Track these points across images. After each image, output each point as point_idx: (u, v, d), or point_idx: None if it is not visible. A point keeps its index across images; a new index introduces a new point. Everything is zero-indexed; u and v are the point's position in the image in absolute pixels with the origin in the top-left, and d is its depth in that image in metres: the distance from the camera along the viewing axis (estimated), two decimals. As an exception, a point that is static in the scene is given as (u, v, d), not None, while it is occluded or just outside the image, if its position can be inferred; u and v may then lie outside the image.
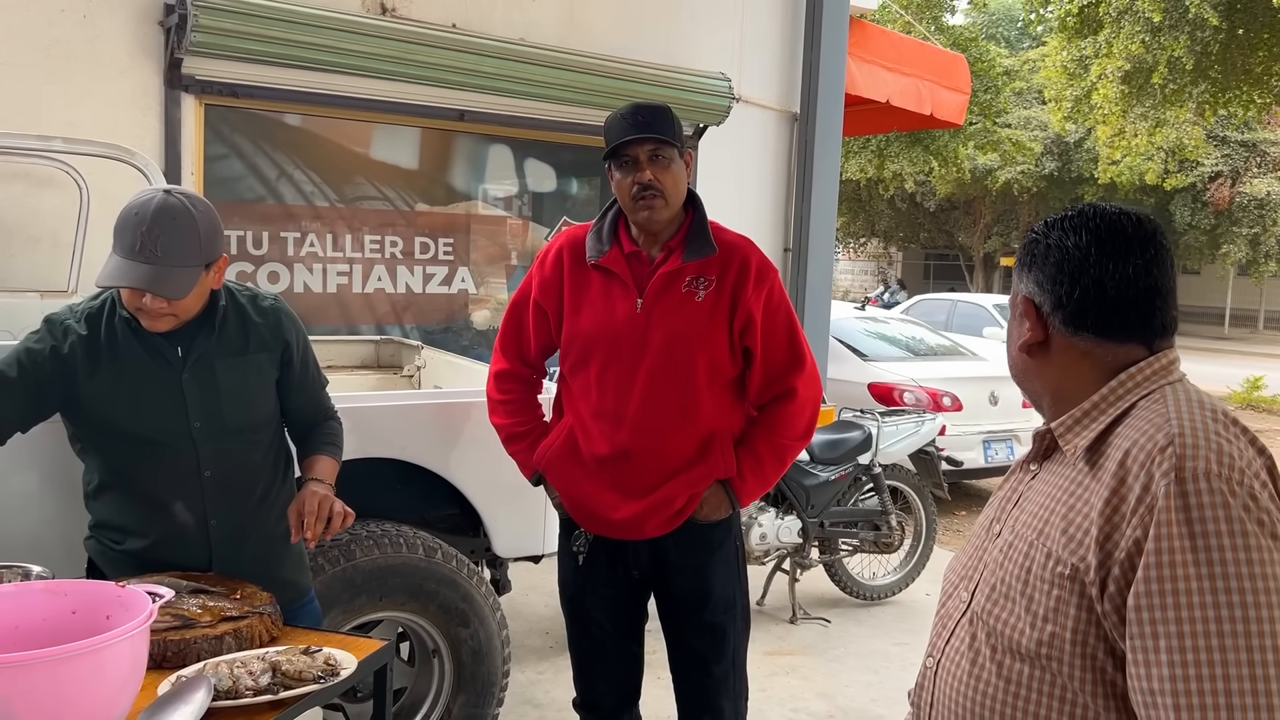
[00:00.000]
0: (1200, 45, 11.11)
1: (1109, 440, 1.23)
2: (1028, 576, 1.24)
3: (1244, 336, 27.10)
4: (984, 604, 1.30)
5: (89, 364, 2.07)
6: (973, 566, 1.37)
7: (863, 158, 17.43)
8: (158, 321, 2.05)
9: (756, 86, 6.36)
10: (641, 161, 2.32)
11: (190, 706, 1.52)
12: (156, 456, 2.12)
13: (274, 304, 2.29)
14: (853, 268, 36.78)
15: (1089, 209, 1.31)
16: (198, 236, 2.01)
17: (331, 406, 2.44)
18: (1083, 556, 1.17)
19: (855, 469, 4.98)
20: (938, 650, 1.37)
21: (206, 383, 2.13)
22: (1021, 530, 1.29)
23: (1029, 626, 1.22)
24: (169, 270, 1.97)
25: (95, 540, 2.21)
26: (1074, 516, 1.21)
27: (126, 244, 1.97)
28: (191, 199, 2.05)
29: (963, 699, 1.30)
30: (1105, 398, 1.26)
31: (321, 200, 5.12)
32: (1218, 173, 23.27)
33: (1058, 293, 1.29)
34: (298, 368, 2.30)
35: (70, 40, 4.25)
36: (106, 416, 2.10)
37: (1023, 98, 23.07)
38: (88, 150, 3.28)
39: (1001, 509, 1.38)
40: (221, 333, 2.16)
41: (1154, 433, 1.17)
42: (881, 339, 8.35)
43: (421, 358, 4.27)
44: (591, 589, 2.56)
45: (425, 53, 4.88)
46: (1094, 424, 1.26)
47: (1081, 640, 1.17)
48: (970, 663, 1.30)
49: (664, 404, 2.36)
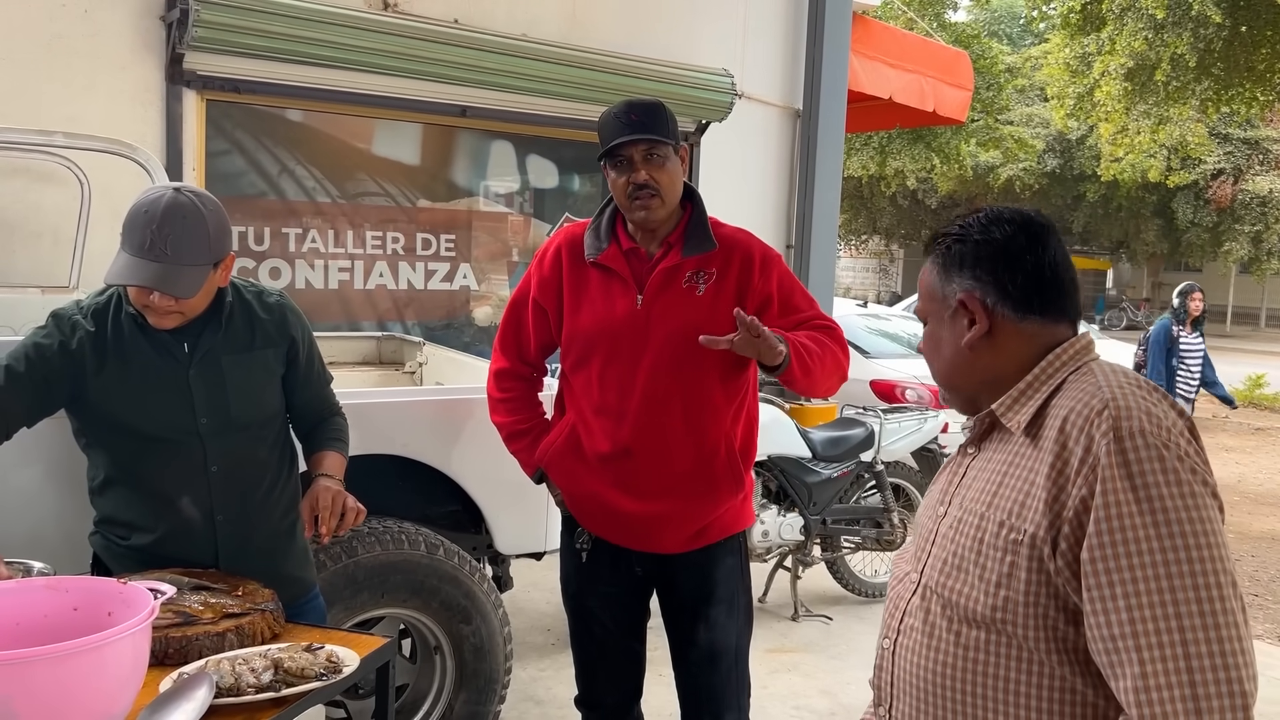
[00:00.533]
0: (1203, 42, 11.08)
1: (1046, 413, 1.32)
2: (980, 546, 1.31)
3: (1246, 334, 27.08)
4: (937, 577, 1.36)
5: (96, 360, 2.07)
6: (920, 548, 1.43)
7: (864, 155, 17.41)
8: (164, 319, 2.05)
9: (759, 83, 6.34)
10: (636, 161, 2.31)
11: (192, 704, 1.51)
12: (163, 452, 2.11)
13: (280, 300, 2.29)
14: (854, 265, 36.74)
15: (988, 210, 1.41)
16: (207, 235, 2.01)
17: (336, 403, 2.44)
18: (1033, 520, 1.25)
19: (857, 466, 4.98)
20: (893, 631, 1.42)
21: (213, 379, 2.13)
22: (970, 505, 1.36)
23: (983, 594, 1.29)
24: (178, 269, 1.97)
25: (100, 536, 2.21)
26: (1020, 485, 1.29)
27: (136, 242, 1.96)
28: (201, 197, 2.05)
29: (923, 673, 1.35)
30: (1039, 375, 1.35)
31: (323, 196, 5.11)
32: (1220, 170, 23.24)
33: (1001, 281, 1.36)
34: (303, 364, 2.29)
35: (71, 35, 4.24)
36: (113, 412, 2.09)
37: (1025, 95, 23.05)
38: (89, 145, 3.27)
39: (944, 493, 1.44)
40: (228, 329, 2.16)
41: (1089, 399, 1.26)
42: (884, 336, 8.34)
43: (423, 354, 4.26)
44: (593, 587, 2.55)
45: (427, 48, 4.87)
46: (1032, 400, 1.34)
47: (1034, 601, 1.25)
48: (927, 636, 1.35)
49: (666, 400, 2.35)
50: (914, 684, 1.37)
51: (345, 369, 4.24)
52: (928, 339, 1.48)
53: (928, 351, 1.48)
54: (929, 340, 1.47)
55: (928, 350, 1.48)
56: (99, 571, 2.23)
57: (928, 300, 1.45)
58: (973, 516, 1.34)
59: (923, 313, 1.48)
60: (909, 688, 1.38)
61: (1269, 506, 8.15)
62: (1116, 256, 30.50)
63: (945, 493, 1.45)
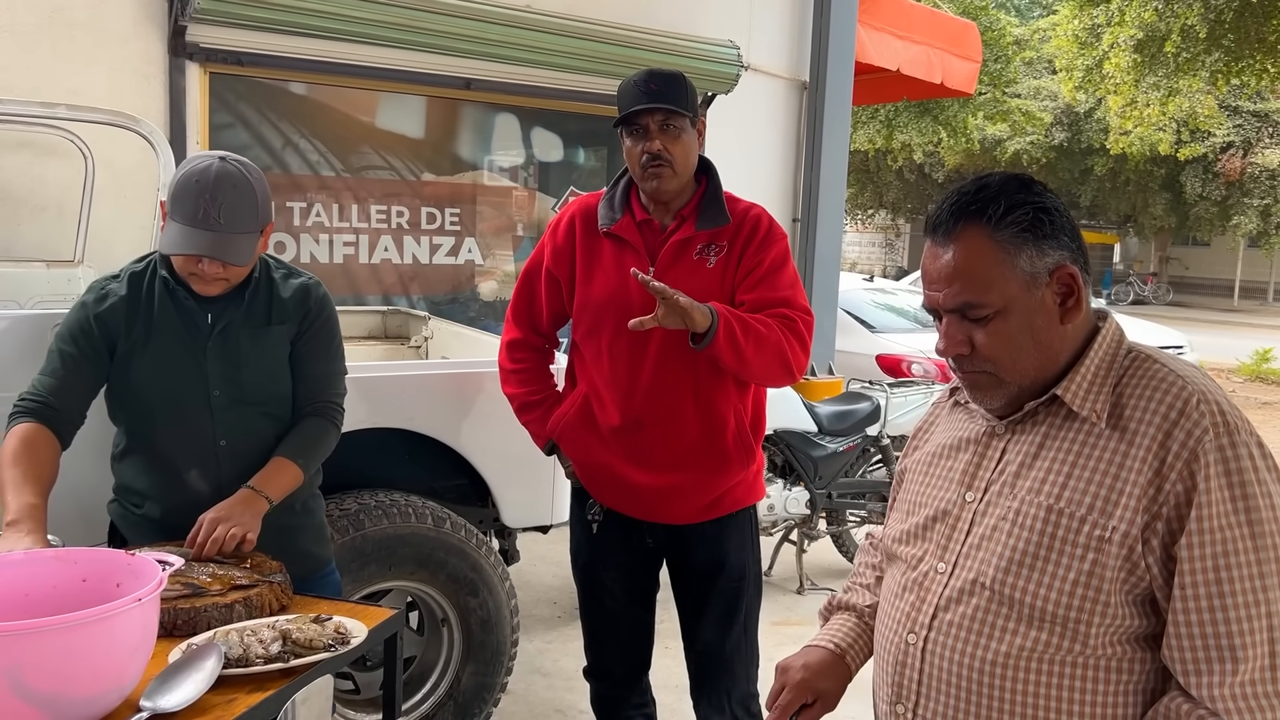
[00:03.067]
0: (1214, 13, 10.97)
1: (1123, 402, 1.27)
2: (1053, 543, 1.26)
3: (1254, 309, 26.97)
4: (993, 574, 1.29)
5: (126, 324, 2.12)
6: (948, 536, 1.36)
7: (871, 128, 17.28)
8: (211, 286, 2.10)
9: (765, 55, 6.29)
10: (652, 131, 2.30)
11: (201, 674, 1.52)
12: (174, 423, 2.13)
13: (304, 281, 2.28)
14: (860, 240, 36.62)
15: (1021, 176, 1.31)
16: (256, 203, 2.06)
17: (334, 404, 2.31)
18: (1125, 517, 1.22)
19: (863, 440, 4.97)
20: (921, 628, 1.35)
21: (230, 353, 2.15)
22: (1030, 497, 1.29)
23: (1058, 593, 1.24)
24: (232, 237, 2.02)
25: (118, 504, 2.25)
26: (1108, 480, 1.24)
27: (188, 211, 1.99)
28: (245, 165, 2.09)
29: (970, 672, 1.29)
30: (1105, 360, 1.30)
31: (327, 170, 5.09)
32: (1229, 143, 23.06)
33: (1080, 247, 1.30)
34: (303, 347, 2.25)
35: (73, 8, 4.21)
36: (131, 378, 2.13)
37: (1033, 67, 22.85)
38: (92, 118, 3.25)
39: (969, 475, 1.37)
40: (250, 304, 2.18)
41: (1178, 391, 1.25)
42: (889, 310, 8.33)
43: (429, 328, 4.25)
44: (604, 557, 2.56)
45: (432, 20, 4.83)
46: (1104, 386, 1.29)
47: (1114, 601, 1.22)
48: (977, 635, 1.29)
49: (677, 373, 2.35)
50: (955, 684, 1.31)
51: (351, 343, 4.23)
52: (1002, 335, 1.28)
53: (1001, 348, 1.29)
54: (1003, 336, 1.28)
55: (1001, 347, 1.29)
56: (115, 540, 2.27)
57: (997, 284, 1.26)
58: (1036, 509, 1.28)
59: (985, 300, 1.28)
60: (947, 687, 1.32)
61: (1275, 480, 8.14)
62: (1124, 230, 30.35)
63: (974, 477, 1.37)
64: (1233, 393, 12.63)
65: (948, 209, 1.30)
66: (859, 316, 7.77)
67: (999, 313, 1.28)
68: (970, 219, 1.28)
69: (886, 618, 1.44)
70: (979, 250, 1.27)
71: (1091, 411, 1.28)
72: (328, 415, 2.28)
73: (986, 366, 1.31)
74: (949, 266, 1.29)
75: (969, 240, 1.27)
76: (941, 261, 1.30)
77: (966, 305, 1.29)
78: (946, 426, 1.49)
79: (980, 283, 1.27)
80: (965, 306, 1.29)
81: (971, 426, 1.42)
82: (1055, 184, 24.46)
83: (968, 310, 1.29)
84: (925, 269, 1.33)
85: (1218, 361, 14.49)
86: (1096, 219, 29.86)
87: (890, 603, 1.43)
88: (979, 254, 1.27)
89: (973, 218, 1.27)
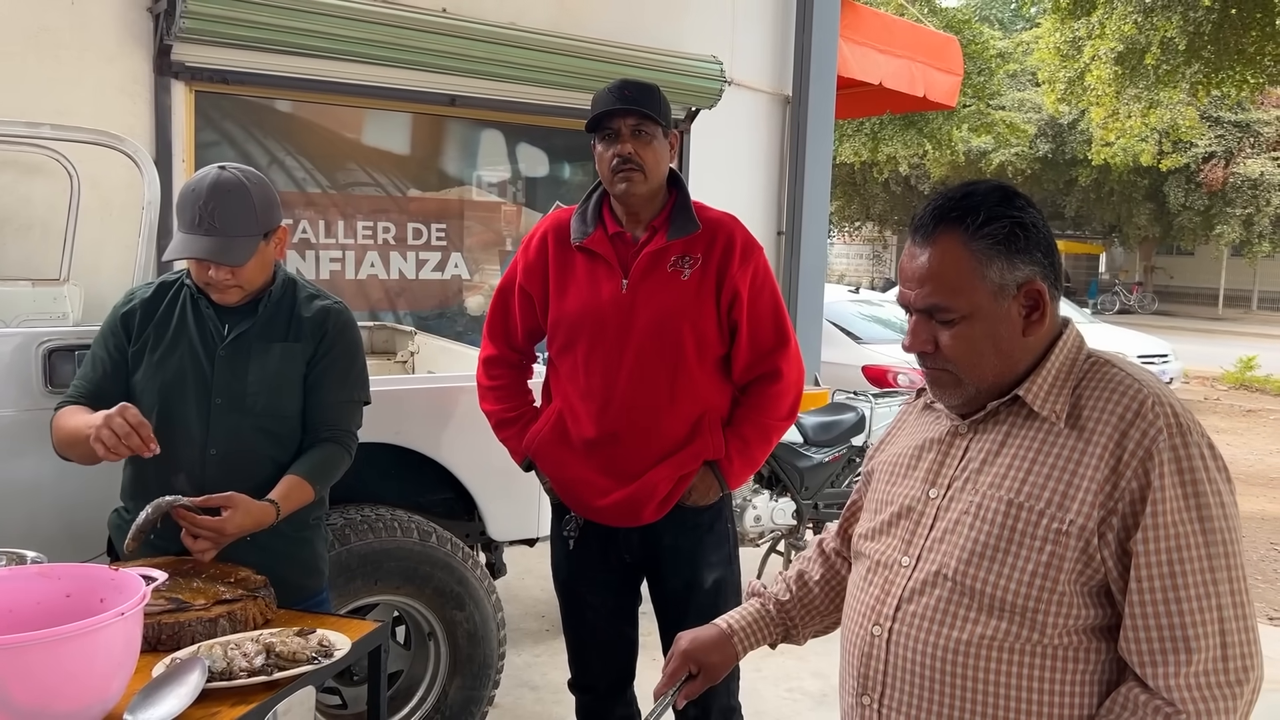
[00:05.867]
0: (1193, 25, 11.07)
1: (1081, 403, 1.33)
2: (1013, 535, 1.31)
3: (1238, 317, 27.13)
4: (955, 565, 1.34)
5: (140, 325, 2.21)
6: (912, 531, 1.41)
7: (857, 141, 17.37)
8: (226, 294, 2.18)
9: (748, 69, 6.33)
10: (623, 134, 2.33)
11: (185, 688, 1.53)
12: (170, 426, 2.15)
13: (327, 304, 2.30)
14: (848, 251, 36.75)
15: (1002, 185, 1.37)
16: (253, 206, 2.13)
17: (348, 432, 2.31)
18: (1082, 511, 1.27)
19: (849, 451, 5.00)
20: (885, 619, 1.40)
21: (238, 362, 2.19)
22: (991, 491, 1.35)
23: (1017, 584, 1.29)
24: (228, 240, 2.10)
25: (116, 514, 2.29)
26: (1061, 475, 1.30)
27: (187, 219, 2.10)
28: (245, 172, 2.17)
29: (931, 661, 1.34)
30: (1066, 364, 1.36)
31: (314, 186, 5.11)
32: (1211, 153, 23.25)
33: (1052, 263, 1.35)
34: (320, 371, 2.26)
35: (58, 27, 4.23)
36: (136, 377, 2.19)
37: (1017, 80, 23.01)
38: (77, 137, 3.26)
39: (933, 473, 1.42)
40: (266, 316, 2.22)
41: (1134, 393, 1.30)
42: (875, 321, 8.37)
43: (415, 343, 4.27)
44: (584, 573, 2.57)
45: (416, 37, 4.86)
46: (1064, 389, 1.35)
47: (1070, 591, 1.28)
48: (939, 625, 1.34)
49: (653, 384, 2.37)
50: (918, 673, 1.35)
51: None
52: (963, 338, 1.34)
53: (962, 350, 1.35)
54: (964, 339, 1.34)
55: (962, 349, 1.34)
56: (112, 552, 2.27)
57: (965, 290, 1.32)
58: (997, 504, 1.33)
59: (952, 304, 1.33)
60: (910, 676, 1.36)
61: (1259, 487, 8.20)
62: (1109, 240, 30.53)
63: (937, 474, 1.42)
64: (1218, 400, 12.72)
65: (930, 212, 1.36)
66: (845, 328, 7.80)
67: (965, 318, 1.34)
68: (949, 225, 1.33)
69: (852, 611, 1.48)
70: (953, 257, 1.33)
71: (1051, 412, 1.34)
72: (344, 444, 2.30)
73: (948, 366, 1.38)
74: (923, 268, 1.35)
75: (945, 245, 1.33)
76: (917, 262, 1.35)
77: (934, 307, 1.35)
78: (914, 428, 1.54)
79: (950, 287, 1.33)
80: (933, 308, 1.35)
81: (937, 427, 1.48)
82: (1040, 195, 24.62)
83: (935, 312, 1.35)
84: (903, 266, 1.39)
85: (1203, 369, 14.59)
86: (1082, 229, 30.04)
87: (856, 597, 1.48)
88: (952, 260, 1.33)
89: (952, 224, 1.33)
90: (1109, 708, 1.28)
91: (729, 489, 2.50)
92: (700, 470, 2.44)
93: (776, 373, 2.46)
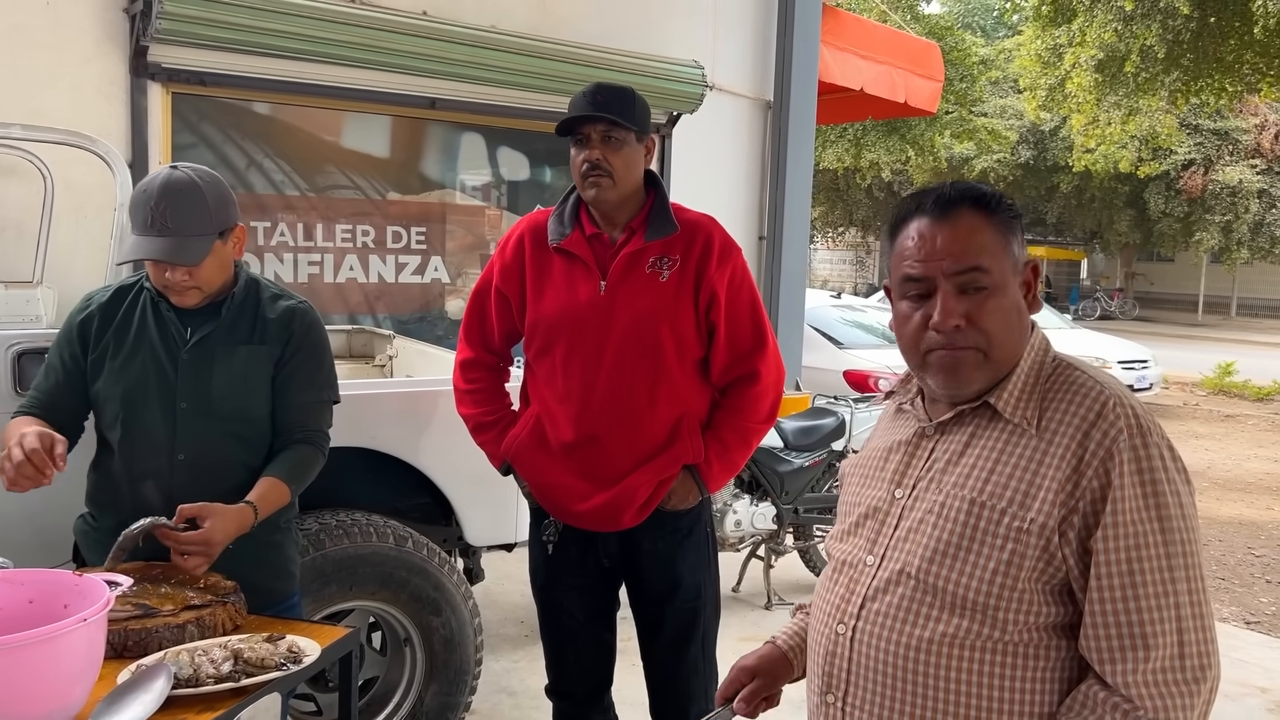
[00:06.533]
0: (1172, 34, 11.16)
1: (1046, 405, 1.34)
2: (974, 534, 1.32)
3: (1217, 323, 27.34)
4: (918, 564, 1.35)
5: (99, 331, 2.18)
6: (877, 531, 1.42)
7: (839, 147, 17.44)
8: (184, 296, 2.14)
9: (730, 74, 6.34)
10: (594, 140, 2.33)
11: (150, 695, 1.51)
12: (136, 432, 2.14)
13: (293, 304, 2.28)
14: (831, 257, 36.88)
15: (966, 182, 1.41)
16: (206, 205, 2.10)
17: (320, 432, 2.30)
18: (1042, 510, 1.28)
19: (829, 455, 5.00)
20: (850, 617, 1.40)
21: (202, 365, 2.16)
22: (954, 491, 1.36)
23: (978, 581, 1.30)
24: (181, 240, 2.07)
25: (81, 519, 2.25)
26: (1023, 474, 1.31)
27: (140, 220, 2.08)
28: (198, 171, 2.14)
29: (894, 659, 1.34)
30: (1036, 370, 1.37)
31: (292, 189, 5.08)
32: (1190, 161, 23.44)
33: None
34: (288, 372, 2.24)
35: (32, 27, 4.19)
36: (98, 383, 2.16)
37: (998, 87, 23.16)
38: (50, 138, 3.23)
39: (899, 474, 1.43)
40: (230, 318, 2.20)
41: (1096, 395, 1.32)
42: (857, 327, 8.39)
43: (393, 347, 4.25)
44: (561, 577, 2.56)
45: (396, 40, 4.84)
46: (1035, 394, 1.36)
47: (1030, 589, 1.29)
48: (902, 623, 1.35)
49: (631, 387, 2.36)
50: (881, 670, 1.36)
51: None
52: (999, 308, 1.34)
53: (999, 322, 1.34)
54: (999, 309, 1.34)
55: (999, 320, 1.34)
56: (78, 559, 2.25)
57: (999, 259, 1.34)
58: (960, 502, 1.34)
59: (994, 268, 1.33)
60: (874, 674, 1.37)
61: (1236, 492, 8.26)
62: (1090, 247, 30.74)
63: (903, 475, 1.43)
64: (1196, 406, 12.81)
65: (949, 189, 1.37)
66: (827, 333, 7.82)
67: (995, 288, 1.34)
68: (969, 202, 1.35)
69: (818, 611, 1.49)
70: (981, 225, 1.34)
71: (1023, 419, 1.35)
72: (317, 444, 2.28)
73: (979, 341, 1.34)
74: (950, 239, 1.33)
75: (969, 218, 1.34)
76: (941, 237, 1.34)
77: (977, 268, 1.32)
78: (885, 432, 1.56)
79: (986, 251, 1.33)
80: (971, 270, 1.32)
81: (905, 430, 1.49)
82: (1022, 201, 24.77)
83: (972, 277, 1.33)
84: (913, 246, 1.36)
85: (1182, 375, 14.69)
86: (1063, 235, 30.22)
87: (822, 596, 1.49)
88: (981, 228, 1.34)
89: (974, 204, 1.35)
90: (1069, 705, 1.29)
91: (708, 493, 2.49)
92: (680, 474, 2.43)
93: (755, 374, 2.46)
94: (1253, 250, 24.16)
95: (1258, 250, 24.14)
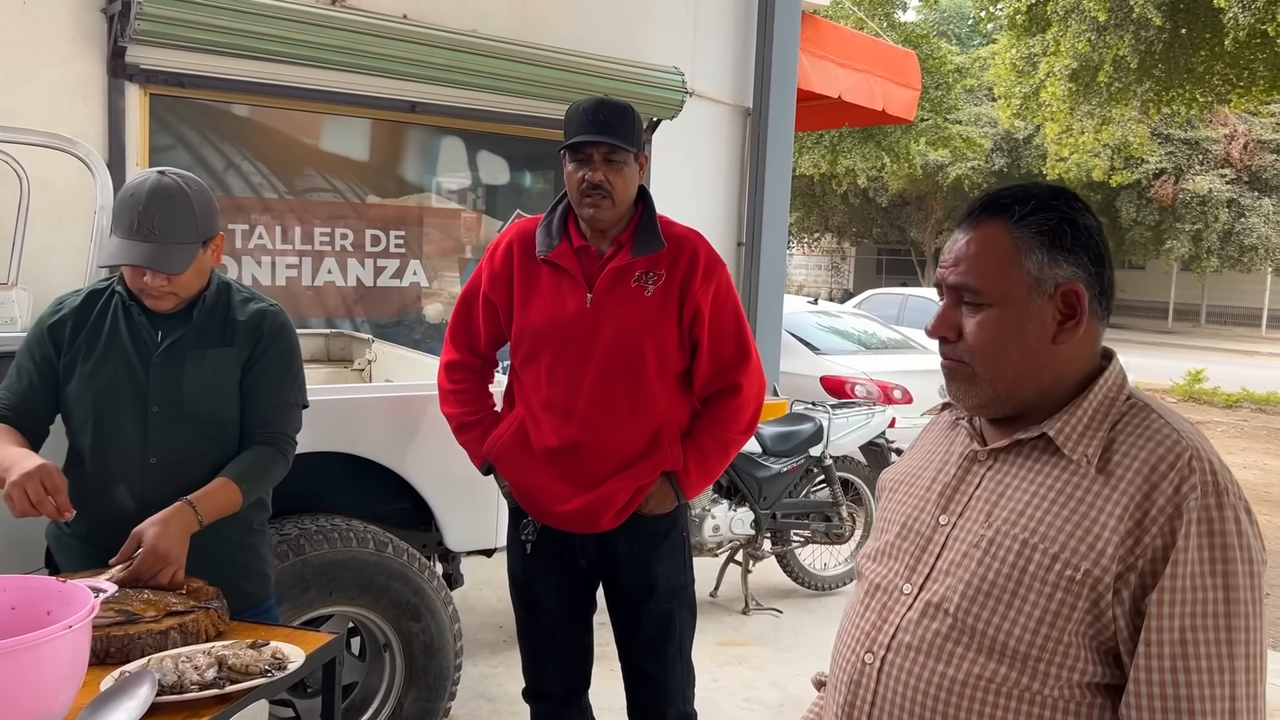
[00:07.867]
0: (1144, 44, 11.31)
1: (1113, 448, 1.24)
2: (1022, 577, 1.23)
3: (1186, 330, 27.66)
4: (958, 601, 1.27)
5: (72, 334, 2.16)
6: (918, 559, 1.33)
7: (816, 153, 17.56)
8: (160, 301, 2.13)
9: (709, 81, 6.38)
10: (595, 160, 2.33)
11: (134, 702, 1.50)
12: (108, 435, 2.13)
13: (263, 306, 2.28)
14: (807, 263, 37.02)
15: (1067, 190, 1.31)
16: (193, 214, 2.09)
17: (286, 437, 2.28)
18: (1099, 562, 1.18)
19: (807, 461, 5.03)
20: (879, 648, 1.32)
21: (173, 369, 2.15)
22: (1003, 527, 1.27)
23: (1021, 629, 1.22)
24: (167, 247, 2.06)
25: (54, 524, 2.22)
26: (1082, 520, 1.22)
27: (125, 224, 2.05)
28: (185, 178, 2.13)
29: (924, 699, 1.26)
30: (1103, 405, 1.27)
31: (270, 192, 5.06)
32: (1162, 170, 23.72)
33: (1100, 275, 1.28)
34: (255, 373, 2.23)
35: (9, 27, 4.15)
36: (70, 388, 2.14)
37: (973, 95, 23.36)
38: (26, 139, 3.20)
39: (946, 499, 1.34)
40: (200, 322, 2.19)
41: (1172, 444, 1.21)
42: (834, 333, 8.42)
43: (372, 351, 4.24)
44: (540, 577, 2.58)
45: (376, 43, 4.83)
46: (1099, 432, 1.26)
47: (1076, 643, 1.20)
48: (934, 660, 1.27)
49: (614, 398, 2.38)
50: (907, 707, 1.28)
51: (293, 366, 4.19)
52: (989, 325, 1.28)
53: (985, 339, 1.28)
54: (989, 327, 1.28)
55: (985, 338, 1.28)
56: (50, 564, 2.23)
57: (999, 275, 1.27)
58: (1010, 541, 1.25)
59: (984, 287, 1.28)
60: (899, 709, 1.29)
61: (1207, 498, 8.34)
62: (1062, 254, 30.98)
63: (949, 499, 1.34)
64: (1167, 412, 12.94)
65: (980, 200, 1.33)
66: (803, 338, 7.85)
67: (993, 305, 1.28)
68: (996, 211, 1.30)
69: (846, 635, 1.39)
70: (993, 239, 1.28)
71: (1083, 457, 1.25)
72: (279, 446, 2.25)
73: (965, 356, 1.30)
74: (961, 250, 1.31)
75: (987, 229, 1.29)
76: (958, 244, 1.31)
77: (964, 287, 1.29)
78: (933, 445, 1.46)
79: (983, 270, 1.28)
80: (963, 288, 1.29)
81: (955, 448, 1.40)
82: (996, 208, 24.87)
83: (965, 293, 1.30)
84: (944, 250, 1.35)
85: (1152, 382, 14.86)
86: (1036, 243, 30.44)
87: (851, 620, 1.39)
88: (991, 243, 1.28)
89: (999, 212, 1.29)
90: None
91: (685, 499, 2.51)
92: (658, 480, 2.45)
93: (737, 387, 2.48)
94: (1222, 259, 24.47)
95: (1227, 259, 24.44)
